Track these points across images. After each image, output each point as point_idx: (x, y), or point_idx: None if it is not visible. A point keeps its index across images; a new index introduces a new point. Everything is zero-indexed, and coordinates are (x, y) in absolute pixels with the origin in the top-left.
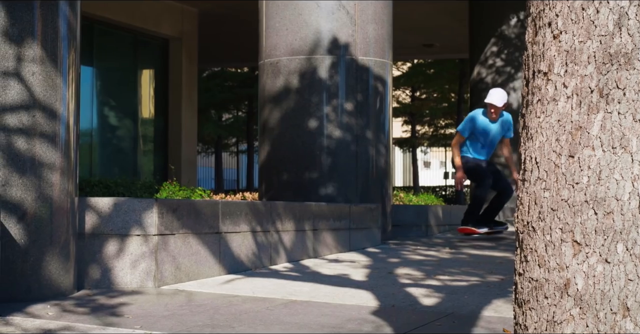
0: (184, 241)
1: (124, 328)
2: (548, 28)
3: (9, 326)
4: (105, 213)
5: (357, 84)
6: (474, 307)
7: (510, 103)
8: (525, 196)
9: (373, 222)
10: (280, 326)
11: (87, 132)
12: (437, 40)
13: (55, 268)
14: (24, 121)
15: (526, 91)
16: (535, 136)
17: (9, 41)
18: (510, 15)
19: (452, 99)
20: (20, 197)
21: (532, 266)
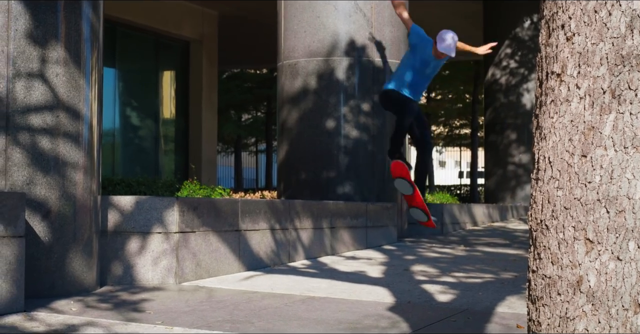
0: (204, 238)
1: (145, 324)
2: (561, 30)
3: (34, 322)
4: (128, 211)
5: (374, 85)
6: (488, 303)
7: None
8: (538, 194)
9: (389, 221)
10: (298, 321)
11: (110, 132)
12: None
13: (78, 265)
14: (48, 121)
15: (540, 91)
16: (549, 136)
17: (33, 43)
18: (523, 18)
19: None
20: (44, 195)
21: (546, 264)
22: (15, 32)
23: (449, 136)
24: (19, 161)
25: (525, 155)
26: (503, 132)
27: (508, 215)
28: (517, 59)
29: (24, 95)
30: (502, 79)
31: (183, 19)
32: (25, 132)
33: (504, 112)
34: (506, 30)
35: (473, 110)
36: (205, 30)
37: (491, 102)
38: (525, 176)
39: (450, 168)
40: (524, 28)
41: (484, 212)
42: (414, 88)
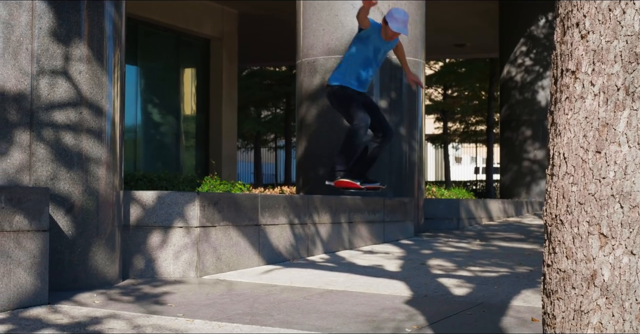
0: (225, 232)
1: (167, 316)
2: (576, 28)
3: (57, 314)
4: (149, 206)
5: (391, 83)
6: (503, 297)
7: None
8: (553, 190)
9: (406, 215)
10: (317, 314)
11: (132, 129)
12: (468, 41)
13: (101, 258)
14: (71, 117)
15: (555, 89)
16: (564, 133)
17: (57, 41)
18: (539, 16)
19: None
20: (68, 190)
21: (560, 258)
22: (39, 31)
23: (465, 133)
24: (43, 156)
25: (540, 151)
26: (518, 128)
27: (523, 210)
28: (532, 56)
29: (47, 92)
30: (518, 76)
31: (204, 17)
32: (49, 129)
33: (519, 109)
34: (521, 29)
35: (489, 107)
36: (226, 29)
37: (506, 99)
38: (540, 172)
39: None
40: (539, 26)
41: (499, 207)
42: (364, 80)
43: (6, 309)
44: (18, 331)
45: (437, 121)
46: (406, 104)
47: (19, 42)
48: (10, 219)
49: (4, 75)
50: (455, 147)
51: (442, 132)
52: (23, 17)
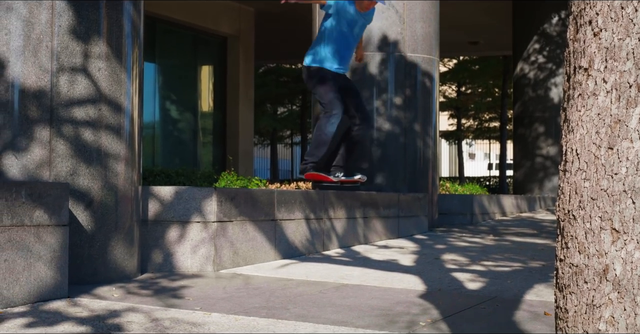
0: (242, 227)
1: (184, 309)
2: (589, 26)
3: (77, 307)
4: (167, 201)
5: (406, 80)
6: (516, 291)
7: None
8: (566, 185)
9: (420, 211)
10: (332, 308)
11: (150, 125)
12: (481, 38)
13: (120, 253)
14: (90, 114)
15: (567, 85)
16: (576, 129)
17: (76, 38)
18: (552, 14)
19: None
20: (87, 186)
21: (573, 253)
22: (59, 28)
23: (479, 129)
24: (63, 152)
25: (552, 147)
26: (531, 125)
27: (536, 206)
28: (545, 54)
29: (67, 89)
30: (531, 73)
31: (221, 15)
32: (68, 125)
33: (532, 106)
34: (535, 27)
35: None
36: (242, 26)
37: (520, 96)
38: (553, 168)
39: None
40: (552, 24)
41: (512, 203)
42: (343, 59)
43: (27, 302)
44: (38, 324)
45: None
46: (420, 101)
47: (39, 40)
48: (31, 214)
49: (24, 73)
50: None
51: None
52: (43, 15)
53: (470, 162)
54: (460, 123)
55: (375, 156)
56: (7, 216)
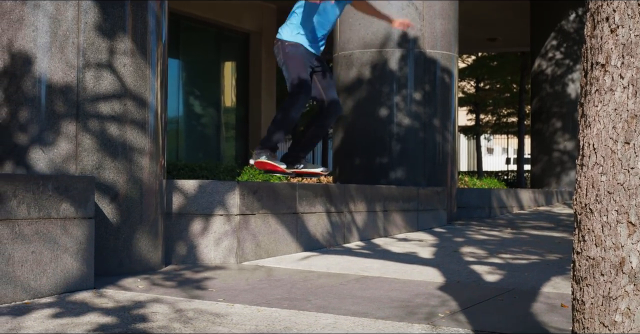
0: (264, 220)
1: (208, 301)
2: (606, 23)
3: (103, 298)
4: (191, 194)
5: (425, 75)
6: (534, 283)
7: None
8: (583, 179)
9: (439, 204)
10: (352, 299)
11: (174, 120)
12: (500, 35)
13: (144, 245)
14: (115, 109)
15: (585, 81)
16: (593, 124)
17: (102, 35)
18: (569, 11)
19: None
20: (112, 179)
21: (590, 246)
22: (85, 25)
23: (497, 124)
24: (89, 146)
25: (569, 142)
26: (549, 120)
27: (553, 199)
28: (562, 50)
29: (93, 84)
30: (548, 69)
31: (243, 12)
32: (94, 120)
33: (550, 102)
34: (552, 23)
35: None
36: (264, 23)
37: (537, 91)
38: (570, 162)
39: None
40: (569, 21)
41: (530, 196)
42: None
43: (53, 293)
44: (65, 314)
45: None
46: (439, 96)
47: (66, 37)
48: (58, 207)
49: (51, 68)
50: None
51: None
52: (69, 12)
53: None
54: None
55: (395, 151)
56: (34, 209)
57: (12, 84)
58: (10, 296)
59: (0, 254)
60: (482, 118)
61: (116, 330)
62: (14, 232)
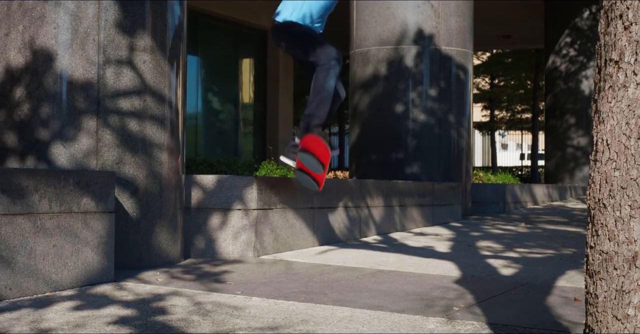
0: (281, 215)
1: (226, 293)
2: (619, 20)
3: (123, 291)
4: (210, 189)
5: (440, 72)
6: (548, 277)
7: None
8: (597, 175)
9: (455, 199)
10: (368, 293)
11: (193, 116)
12: (514, 32)
13: (164, 239)
14: (135, 105)
15: (598, 78)
16: (607, 120)
17: (122, 32)
18: (583, 9)
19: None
20: (132, 174)
21: (603, 240)
22: (105, 22)
23: (511, 120)
24: (109, 142)
25: (583, 138)
26: (562, 116)
27: (567, 195)
28: (576, 47)
29: (113, 81)
30: (562, 66)
31: (261, 10)
32: (114, 115)
33: (564, 98)
34: (566, 21)
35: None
36: None
37: (551, 88)
38: (584, 158)
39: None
40: (583, 18)
41: (544, 192)
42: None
43: (74, 286)
44: (86, 306)
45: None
46: (455, 93)
47: (86, 34)
48: (79, 201)
49: (72, 65)
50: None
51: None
52: (90, 9)
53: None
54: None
55: (410, 146)
56: (55, 203)
57: (33, 81)
58: (32, 288)
59: (23, 248)
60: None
61: (136, 322)
62: (36, 226)
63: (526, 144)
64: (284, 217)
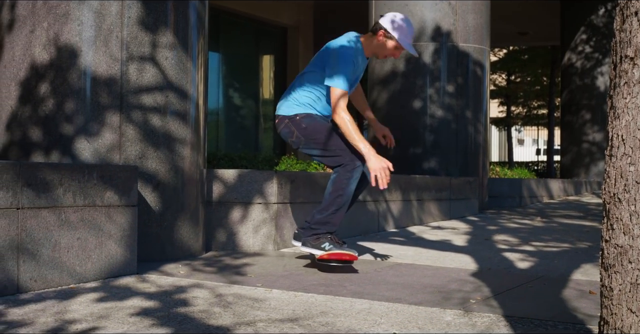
0: (301, 208)
1: (247, 286)
2: (635, 17)
3: (146, 283)
4: (230, 183)
5: (458, 69)
6: (563, 271)
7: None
8: (612, 170)
9: (472, 193)
10: (386, 285)
11: (214, 111)
12: (530, 29)
13: (186, 232)
14: (158, 100)
15: (614, 74)
16: (622, 116)
17: (145, 29)
18: (598, 6)
19: (544, 82)
20: (155, 168)
21: (618, 234)
22: (129, 19)
23: (528, 116)
24: (132, 137)
25: (598, 134)
26: (578, 112)
27: (582, 189)
28: (591, 44)
29: (136, 77)
30: (578, 63)
31: (281, 7)
32: (137, 111)
33: (579, 94)
34: (582, 18)
35: (550, 92)
36: (302, 18)
37: (567, 84)
38: (599, 153)
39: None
40: (599, 15)
41: (559, 186)
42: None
43: (98, 278)
44: (109, 298)
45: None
46: (472, 89)
47: (110, 30)
48: (102, 195)
49: (96, 61)
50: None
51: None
52: (113, 7)
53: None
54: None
55: (428, 142)
56: (79, 197)
57: (58, 77)
58: (57, 280)
59: (47, 241)
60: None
61: (158, 314)
62: (60, 219)
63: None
64: (304, 211)
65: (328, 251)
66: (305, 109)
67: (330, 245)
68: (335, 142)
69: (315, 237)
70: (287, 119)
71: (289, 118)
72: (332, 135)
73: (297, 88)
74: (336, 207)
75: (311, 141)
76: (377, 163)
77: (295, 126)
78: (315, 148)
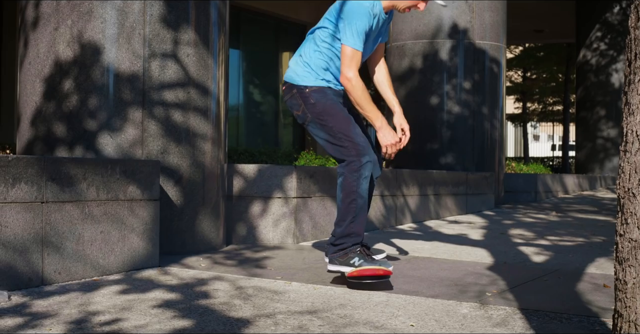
0: (320, 203)
1: (266, 278)
2: None
3: (167, 275)
4: (251, 178)
5: (474, 65)
6: (578, 264)
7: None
8: (626, 165)
9: (487, 188)
10: (404, 278)
11: (235, 108)
12: (546, 26)
13: (206, 226)
14: (179, 96)
15: (628, 71)
16: (637, 112)
17: (166, 26)
18: (613, 4)
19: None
20: (176, 163)
21: (632, 228)
22: (151, 17)
23: (543, 112)
24: (154, 132)
25: (613, 130)
26: (593, 108)
27: (597, 185)
28: (606, 41)
29: (158, 73)
30: (593, 60)
31: (300, 5)
32: (159, 107)
33: (594, 91)
34: (597, 16)
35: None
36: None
37: (582, 81)
38: (613, 149)
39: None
40: (614, 13)
41: (574, 181)
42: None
43: (121, 271)
44: (132, 290)
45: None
46: (488, 85)
47: (132, 28)
48: (125, 189)
49: (118, 58)
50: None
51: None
52: (136, 4)
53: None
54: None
55: (445, 137)
56: (103, 191)
57: (82, 73)
58: (81, 273)
59: (71, 234)
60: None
61: (180, 306)
62: (84, 213)
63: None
64: (322, 206)
65: (358, 267)
66: (316, 78)
67: (360, 259)
68: (343, 127)
69: (342, 253)
70: (295, 89)
71: (297, 89)
72: (341, 119)
73: (308, 48)
74: (353, 214)
75: (317, 122)
76: (389, 138)
77: (303, 100)
78: (320, 130)
